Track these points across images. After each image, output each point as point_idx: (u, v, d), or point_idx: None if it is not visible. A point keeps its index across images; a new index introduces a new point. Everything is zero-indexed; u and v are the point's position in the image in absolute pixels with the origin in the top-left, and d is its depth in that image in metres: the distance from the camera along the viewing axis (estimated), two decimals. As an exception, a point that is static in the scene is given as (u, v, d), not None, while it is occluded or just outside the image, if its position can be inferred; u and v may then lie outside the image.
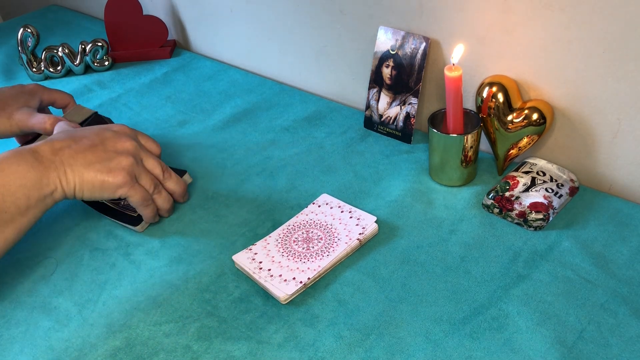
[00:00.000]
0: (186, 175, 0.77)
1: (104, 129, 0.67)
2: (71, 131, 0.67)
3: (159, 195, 0.69)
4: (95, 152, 0.63)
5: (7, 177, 0.57)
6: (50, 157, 0.60)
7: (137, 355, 0.57)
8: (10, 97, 0.78)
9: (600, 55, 0.64)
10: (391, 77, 0.81)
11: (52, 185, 0.60)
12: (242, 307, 0.60)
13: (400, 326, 0.57)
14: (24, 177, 0.58)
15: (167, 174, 0.70)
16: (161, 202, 0.70)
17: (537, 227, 0.65)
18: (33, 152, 0.60)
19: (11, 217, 0.57)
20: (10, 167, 0.57)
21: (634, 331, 0.54)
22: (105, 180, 0.63)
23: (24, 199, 0.57)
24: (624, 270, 0.60)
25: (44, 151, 0.61)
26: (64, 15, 1.39)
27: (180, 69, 1.09)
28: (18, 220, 0.58)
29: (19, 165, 0.58)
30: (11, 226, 0.58)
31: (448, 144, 0.70)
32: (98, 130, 0.66)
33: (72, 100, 0.85)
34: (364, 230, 0.66)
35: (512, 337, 0.55)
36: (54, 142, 0.62)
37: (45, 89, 0.83)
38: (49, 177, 0.59)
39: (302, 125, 0.89)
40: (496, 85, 0.70)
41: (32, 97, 0.80)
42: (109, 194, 0.64)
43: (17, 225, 0.58)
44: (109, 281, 0.65)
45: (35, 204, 0.58)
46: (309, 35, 0.92)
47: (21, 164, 0.58)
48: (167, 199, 0.70)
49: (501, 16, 0.69)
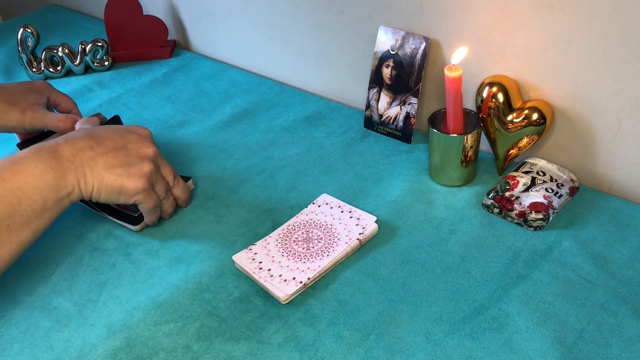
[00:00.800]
0: (190, 182, 0.77)
1: (127, 131, 0.65)
2: (93, 130, 0.64)
3: (167, 200, 0.69)
4: (117, 156, 0.61)
5: (24, 179, 0.55)
6: (70, 158, 0.58)
7: (137, 355, 0.57)
8: (20, 92, 0.78)
9: (600, 55, 0.64)
10: (391, 77, 0.81)
11: (70, 186, 0.59)
12: (242, 307, 0.60)
13: (400, 326, 0.57)
14: (41, 178, 0.56)
15: (176, 181, 0.70)
16: (167, 207, 0.70)
17: (537, 227, 0.65)
18: (52, 152, 0.58)
19: (27, 220, 0.56)
20: (27, 168, 0.55)
21: (634, 331, 0.54)
22: (125, 185, 0.62)
23: (40, 202, 0.56)
24: (624, 270, 0.60)
25: (64, 151, 0.59)
26: (64, 15, 1.39)
27: (180, 69, 1.09)
28: (34, 222, 0.57)
29: (36, 167, 0.56)
30: (27, 229, 0.56)
31: (448, 144, 0.70)
32: (121, 132, 0.64)
33: (76, 107, 0.85)
34: (364, 230, 0.66)
35: (512, 337, 0.55)
36: (75, 142, 0.60)
37: (53, 88, 0.83)
38: (67, 178, 0.58)
39: (302, 125, 0.89)
40: (496, 85, 0.70)
41: (41, 95, 0.80)
42: (125, 198, 0.63)
43: (33, 228, 0.57)
44: (109, 281, 0.65)
45: (52, 206, 0.57)
46: (309, 35, 0.92)
47: (39, 165, 0.56)
48: (172, 204, 0.71)
49: (501, 16, 0.69)
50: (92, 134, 0.63)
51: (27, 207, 0.55)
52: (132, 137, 0.65)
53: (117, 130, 0.65)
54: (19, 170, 0.55)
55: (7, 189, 0.54)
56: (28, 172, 0.56)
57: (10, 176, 0.54)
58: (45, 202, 0.57)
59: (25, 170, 0.55)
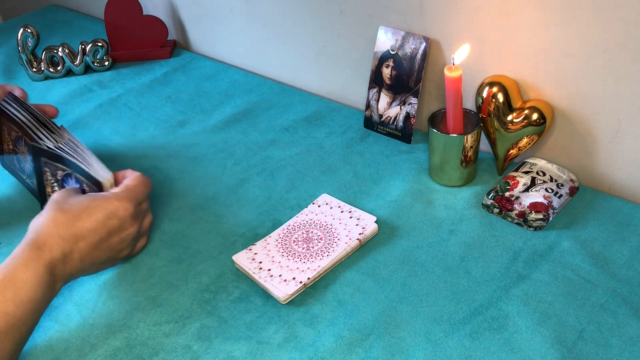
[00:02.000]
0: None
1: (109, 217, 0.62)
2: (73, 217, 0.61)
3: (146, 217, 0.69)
4: (101, 249, 0.62)
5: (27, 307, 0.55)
6: (61, 267, 0.59)
7: (137, 355, 0.57)
8: None
9: (600, 55, 0.64)
10: (391, 77, 0.81)
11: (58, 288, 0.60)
12: (242, 307, 0.60)
13: (400, 326, 0.57)
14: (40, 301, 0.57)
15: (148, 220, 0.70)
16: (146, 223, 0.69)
17: (537, 227, 0.65)
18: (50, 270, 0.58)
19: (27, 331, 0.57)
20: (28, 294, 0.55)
21: (634, 331, 0.54)
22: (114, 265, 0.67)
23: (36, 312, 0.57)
24: (624, 270, 0.60)
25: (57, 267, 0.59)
26: (64, 15, 1.39)
27: (180, 69, 1.09)
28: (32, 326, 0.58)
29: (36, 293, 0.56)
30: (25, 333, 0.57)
31: (448, 144, 0.70)
32: (104, 219, 0.62)
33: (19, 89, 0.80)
34: (363, 230, 0.66)
35: (512, 337, 0.55)
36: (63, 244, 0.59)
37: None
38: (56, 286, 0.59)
39: (302, 125, 0.89)
40: (496, 85, 0.70)
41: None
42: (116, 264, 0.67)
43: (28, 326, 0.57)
44: (109, 281, 0.65)
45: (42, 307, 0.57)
46: (309, 35, 0.92)
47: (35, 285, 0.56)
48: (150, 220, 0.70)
49: (501, 16, 0.69)
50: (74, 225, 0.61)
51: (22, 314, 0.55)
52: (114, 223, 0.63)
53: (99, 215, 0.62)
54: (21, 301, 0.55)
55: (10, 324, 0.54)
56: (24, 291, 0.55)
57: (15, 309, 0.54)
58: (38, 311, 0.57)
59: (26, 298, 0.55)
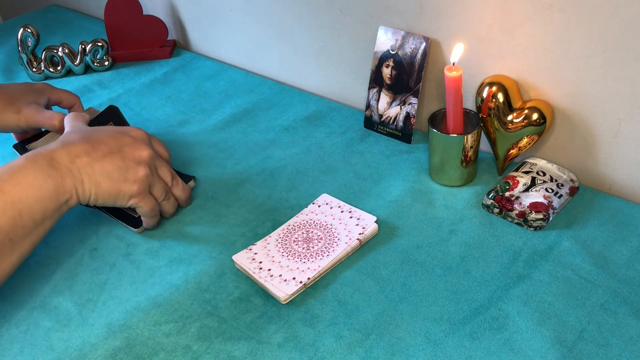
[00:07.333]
0: (191, 182, 0.77)
1: (121, 133, 0.65)
2: (86, 133, 0.64)
3: (167, 202, 0.69)
4: (113, 160, 0.62)
5: (24, 192, 0.55)
6: (67, 165, 0.58)
7: (137, 355, 0.57)
8: (19, 92, 0.78)
9: (600, 55, 0.64)
10: (391, 77, 0.81)
11: (68, 194, 0.59)
12: (242, 307, 0.60)
13: (400, 326, 0.57)
14: (40, 188, 0.56)
15: (175, 181, 0.70)
16: (167, 208, 0.70)
17: (537, 227, 0.65)
18: (50, 160, 0.58)
19: (28, 231, 0.56)
20: (26, 179, 0.55)
21: (634, 331, 0.54)
22: (121, 190, 0.63)
23: (40, 212, 0.56)
24: (624, 270, 0.60)
25: (61, 157, 0.59)
26: (64, 15, 1.39)
27: (180, 68, 1.09)
28: (34, 232, 0.57)
29: (35, 177, 0.56)
30: (27, 239, 0.57)
31: (448, 144, 0.70)
32: (115, 135, 0.64)
33: (79, 101, 0.85)
34: (364, 230, 0.66)
35: (512, 337, 0.55)
36: (70, 147, 0.60)
37: (53, 88, 0.83)
38: (65, 185, 0.58)
39: (302, 125, 0.89)
40: (496, 85, 0.70)
41: (40, 95, 0.80)
42: (122, 202, 0.64)
43: (34, 238, 0.58)
44: (109, 281, 0.65)
45: (51, 214, 0.57)
46: (309, 35, 0.92)
47: (38, 175, 0.56)
48: (173, 204, 0.71)
49: (501, 16, 0.69)
50: (87, 137, 0.63)
51: (29, 219, 0.55)
52: (127, 140, 0.64)
53: (112, 133, 0.65)
54: (18, 182, 0.54)
55: (8, 202, 0.54)
56: (28, 184, 0.55)
57: (11, 189, 0.54)
58: (45, 212, 0.57)
59: (25, 182, 0.55)
